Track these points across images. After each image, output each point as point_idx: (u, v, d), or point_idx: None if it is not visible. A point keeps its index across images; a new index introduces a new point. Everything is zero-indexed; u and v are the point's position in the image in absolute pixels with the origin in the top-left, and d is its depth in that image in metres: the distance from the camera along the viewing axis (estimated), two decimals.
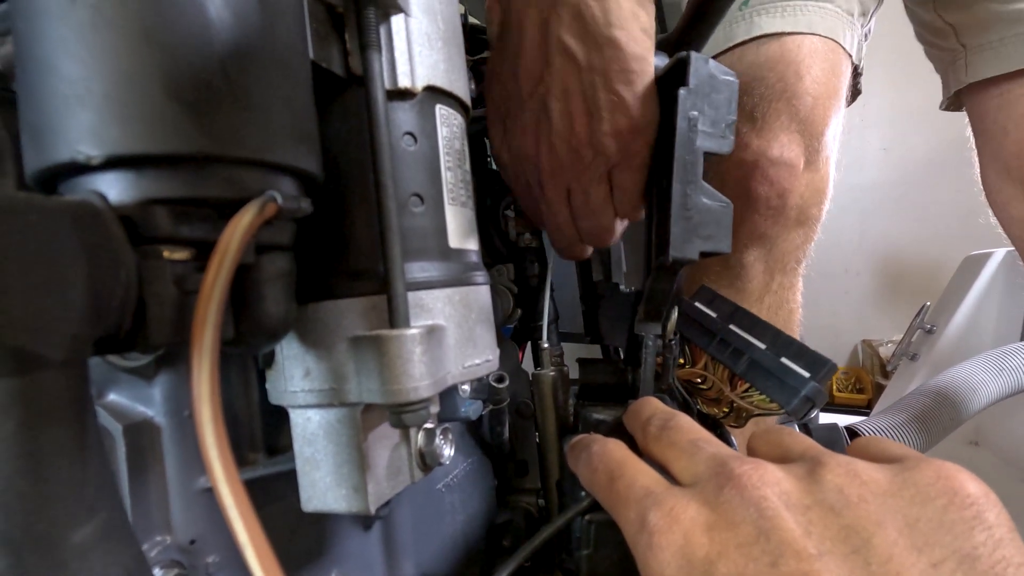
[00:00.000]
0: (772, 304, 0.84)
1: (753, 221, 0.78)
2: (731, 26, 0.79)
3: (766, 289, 0.84)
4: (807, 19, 0.77)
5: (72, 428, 0.14)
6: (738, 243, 0.80)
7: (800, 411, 0.35)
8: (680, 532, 0.21)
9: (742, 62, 0.79)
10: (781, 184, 0.77)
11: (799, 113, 0.76)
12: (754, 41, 0.77)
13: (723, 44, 0.79)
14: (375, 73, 0.23)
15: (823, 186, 0.82)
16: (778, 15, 0.77)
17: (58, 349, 0.14)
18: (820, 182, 0.81)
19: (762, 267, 0.82)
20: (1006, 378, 0.81)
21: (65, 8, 0.16)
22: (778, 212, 0.78)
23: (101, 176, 0.17)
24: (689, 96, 0.31)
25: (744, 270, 0.82)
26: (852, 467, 0.22)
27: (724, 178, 0.79)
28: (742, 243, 0.80)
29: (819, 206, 0.82)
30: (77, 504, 0.14)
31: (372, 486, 0.25)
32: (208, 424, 0.16)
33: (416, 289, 0.25)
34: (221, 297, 0.17)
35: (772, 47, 0.77)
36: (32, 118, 0.17)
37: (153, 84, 0.16)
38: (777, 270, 0.83)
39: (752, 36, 0.77)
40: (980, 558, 0.18)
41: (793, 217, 0.80)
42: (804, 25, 0.76)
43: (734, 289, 0.82)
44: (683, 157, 0.31)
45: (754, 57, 0.77)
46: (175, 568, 0.25)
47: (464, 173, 0.29)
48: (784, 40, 0.77)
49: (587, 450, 0.29)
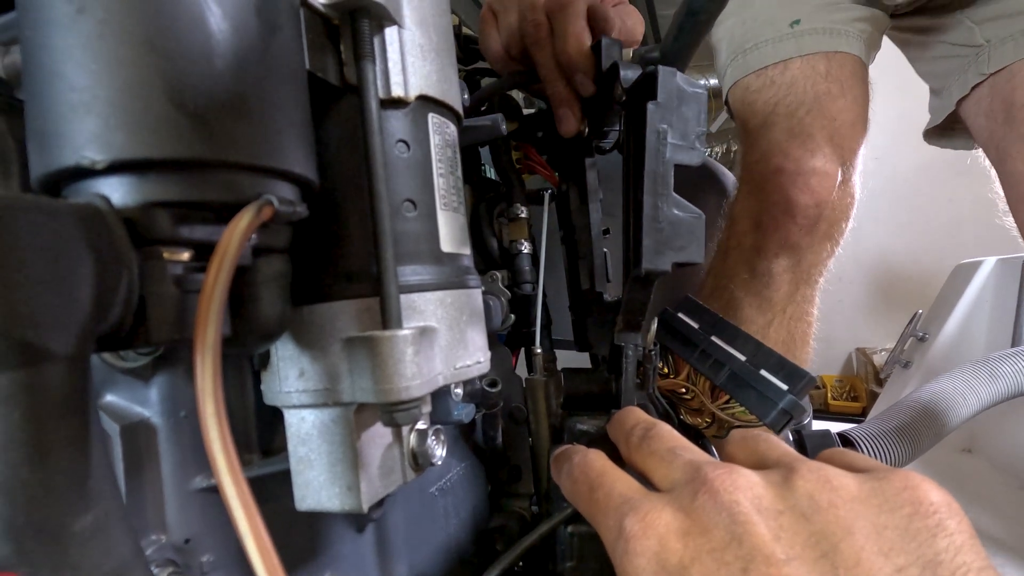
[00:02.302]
0: (794, 314, 0.85)
1: (788, 229, 0.80)
2: (779, 43, 0.83)
3: (791, 299, 0.85)
4: (847, 41, 0.81)
5: (75, 420, 0.15)
6: (769, 252, 0.82)
7: (778, 424, 0.35)
8: (655, 538, 0.22)
9: (784, 76, 0.82)
10: (820, 194, 0.79)
11: (840, 129, 0.79)
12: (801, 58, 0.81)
13: (771, 59, 0.84)
14: (369, 83, 0.24)
15: (851, 202, 0.85)
16: (825, 36, 0.81)
17: (62, 344, 0.15)
18: (849, 198, 0.84)
19: (790, 277, 0.83)
20: (997, 384, 0.82)
21: (72, 19, 0.17)
22: (813, 223, 0.81)
23: (105, 180, 0.18)
24: (658, 110, 0.32)
25: (772, 279, 0.83)
26: (824, 474, 0.22)
27: (764, 186, 0.81)
28: (773, 251, 0.82)
29: (846, 221, 0.85)
30: (78, 494, 0.15)
31: (365, 485, 0.25)
32: (211, 417, 0.16)
33: (408, 292, 0.26)
34: (222, 296, 0.18)
35: (819, 65, 0.81)
36: (39, 124, 0.18)
37: (156, 92, 0.17)
38: (803, 281, 0.85)
39: (803, 53, 0.81)
40: (943, 563, 0.19)
41: (823, 230, 0.82)
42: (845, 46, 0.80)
43: (761, 297, 0.84)
44: (653, 170, 0.31)
45: (798, 72, 0.81)
46: (169, 567, 0.26)
47: (456, 180, 0.30)
48: (829, 57, 0.80)
49: (569, 461, 0.29)
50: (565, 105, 0.45)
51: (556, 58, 0.43)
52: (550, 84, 0.45)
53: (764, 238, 0.81)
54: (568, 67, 0.43)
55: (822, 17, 0.81)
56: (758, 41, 0.85)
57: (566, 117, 0.46)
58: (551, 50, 0.44)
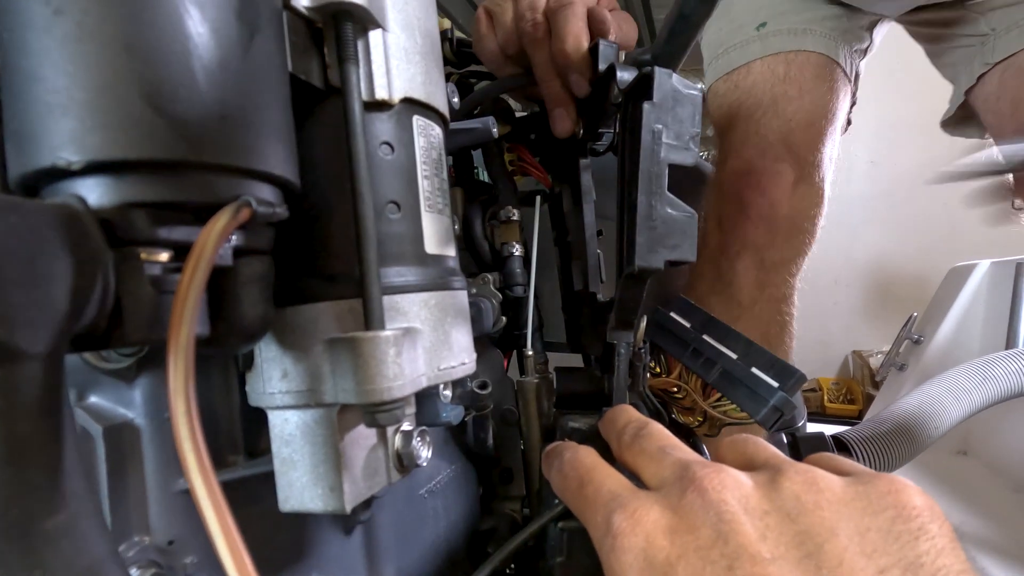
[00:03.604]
0: (764, 314, 0.85)
1: (744, 228, 0.81)
2: (747, 45, 0.85)
3: (757, 298, 0.85)
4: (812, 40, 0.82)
5: (48, 419, 0.15)
6: (731, 251, 0.83)
7: (769, 420, 0.36)
8: (642, 535, 0.22)
9: (747, 80, 0.84)
10: (772, 193, 0.81)
11: (795, 130, 0.80)
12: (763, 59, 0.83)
13: (737, 62, 0.85)
14: (352, 85, 0.24)
15: (817, 200, 0.85)
16: (788, 36, 0.83)
17: (36, 343, 0.15)
18: (813, 196, 0.84)
19: (753, 276, 0.84)
20: (990, 387, 0.82)
21: (49, 21, 0.17)
22: (770, 221, 0.81)
23: (81, 181, 0.18)
24: (653, 110, 0.32)
25: (736, 277, 0.84)
26: (810, 476, 0.23)
27: (723, 187, 0.82)
28: (735, 251, 0.83)
29: (812, 220, 0.85)
30: (50, 492, 0.15)
31: (348, 486, 0.25)
32: (182, 416, 0.16)
33: (392, 293, 0.26)
34: (196, 296, 0.18)
35: (778, 68, 0.83)
36: (16, 125, 0.18)
37: (132, 93, 0.17)
38: (769, 281, 0.85)
39: (766, 54, 0.83)
40: (924, 565, 0.19)
41: (785, 228, 0.83)
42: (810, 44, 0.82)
43: (726, 296, 0.84)
44: (648, 169, 0.32)
45: (759, 76, 0.83)
46: (152, 568, 0.26)
47: (441, 182, 0.30)
48: (789, 58, 0.82)
49: (560, 457, 0.29)
50: (561, 105, 0.46)
51: (554, 58, 0.44)
52: (546, 84, 0.45)
53: (725, 237, 0.83)
54: (565, 67, 0.43)
55: (788, 18, 0.83)
56: (728, 46, 0.87)
57: (561, 117, 0.46)
58: (549, 50, 0.44)
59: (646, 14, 2.26)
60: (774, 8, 0.84)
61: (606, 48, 0.41)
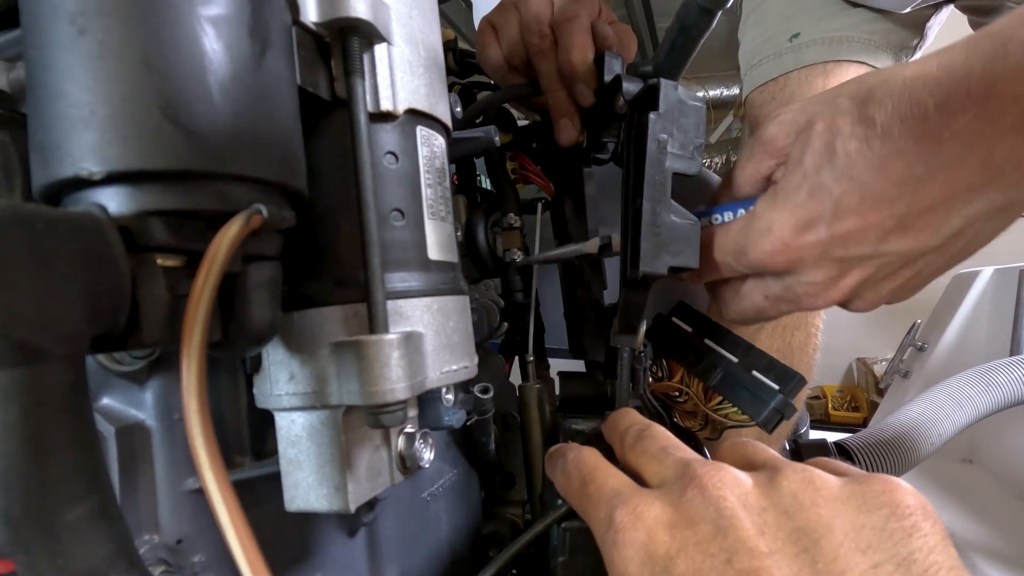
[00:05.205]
0: (789, 323, 0.85)
1: None
2: (779, 58, 0.83)
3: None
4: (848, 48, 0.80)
5: (70, 416, 0.16)
6: None
7: (770, 423, 0.36)
8: (644, 530, 0.23)
9: (784, 92, 0.82)
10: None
11: None
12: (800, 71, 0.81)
13: (771, 74, 0.84)
14: (358, 97, 0.25)
15: None
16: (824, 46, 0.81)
17: (58, 344, 0.16)
18: None
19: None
20: (994, 394, 0.82)
21: (73, 39, 0.18)
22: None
23: (102, 190, 0.19)
24: (659, 120, 0.33)
25: None
26: (807, 475, 0.24)
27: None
28: None
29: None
30: (73, 486, 0.16)
31: (352, 486, 0.26)
32: (195, 414, 0.17)
33: (396, 298, 0.27)
34: (209, 300, 0.18)
35: (816, 80, 0.81)
36: (40, 137, 0.19)
37: (151, 108, 0.18)
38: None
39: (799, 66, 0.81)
40: (916, 562, 0.20)
41: None
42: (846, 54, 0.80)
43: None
44: (653, 177, 0.33)
45: (796, 88, 0.82)
46: (161, 566, 0.26)
47: (444, 190, 0.31)
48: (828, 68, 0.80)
49: (563, 457, 0.30)
50: (565, 115, 0.47)
51: (560, 69, 0.45)
52: (551, 94, 0.46)
53: None
54: (570, 77, 0.44)
55: (823, 26, 0.81)
56: (762, 57, 0.86)
57: (566, 127, 0.47)
58: (555, 61, 0.45)
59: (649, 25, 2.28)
60: (807, 15, 0.81)
61: (611, 60, 0.42)
